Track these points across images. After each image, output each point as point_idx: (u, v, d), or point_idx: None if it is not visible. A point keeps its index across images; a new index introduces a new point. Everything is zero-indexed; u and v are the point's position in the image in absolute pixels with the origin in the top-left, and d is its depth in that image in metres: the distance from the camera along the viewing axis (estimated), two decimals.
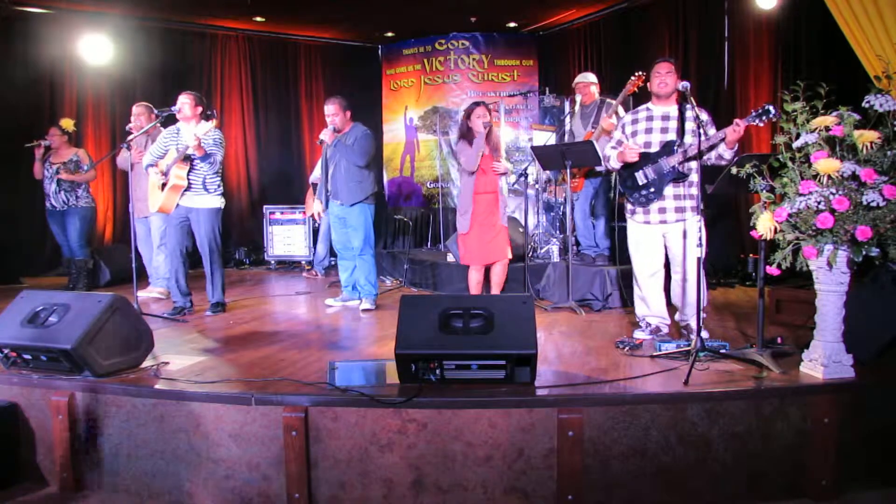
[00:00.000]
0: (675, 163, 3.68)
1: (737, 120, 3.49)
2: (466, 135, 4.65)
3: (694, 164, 3.75)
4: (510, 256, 4.84)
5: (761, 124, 3.40)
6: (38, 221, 6.63)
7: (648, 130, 3.85)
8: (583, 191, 5.55)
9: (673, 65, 3.86)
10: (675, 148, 3.69)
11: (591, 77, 5.65)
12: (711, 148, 3.64)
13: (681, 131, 3.73)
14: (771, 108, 3.24)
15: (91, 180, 6.18)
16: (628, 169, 3.86)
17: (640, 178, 3.81)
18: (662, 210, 3.79)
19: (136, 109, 5.56)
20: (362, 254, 5.06)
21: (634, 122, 3.93)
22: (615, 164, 3.91)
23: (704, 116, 3.78)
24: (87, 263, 6.10)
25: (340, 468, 2.80)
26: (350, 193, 4.95)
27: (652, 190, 3.77)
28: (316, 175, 7.04)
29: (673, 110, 3.82)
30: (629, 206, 3.93)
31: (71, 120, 6.19)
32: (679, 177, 3.70)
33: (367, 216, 5.03)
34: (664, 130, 3.80)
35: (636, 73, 4.97)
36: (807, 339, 3.12)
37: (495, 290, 4.86)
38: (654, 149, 3.79)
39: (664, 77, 3.78)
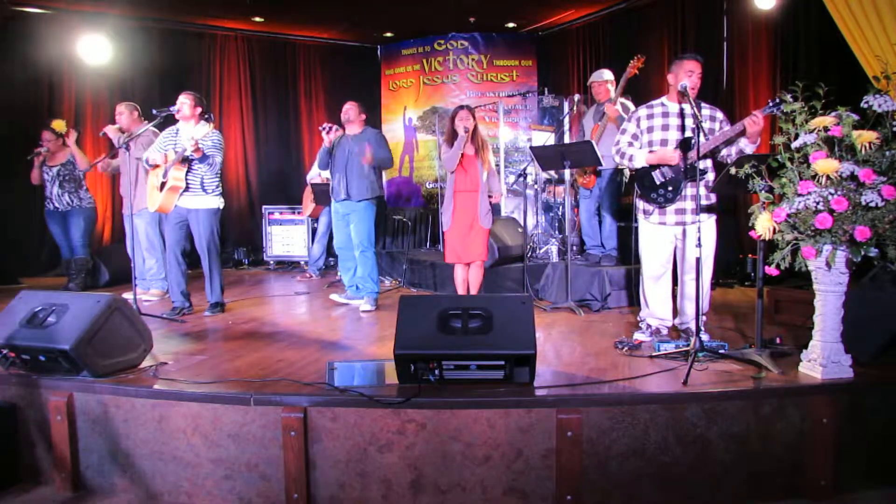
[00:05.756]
0: (692, 160, 3.55)
1: (754, 112, 3.42)
2: (450, 137, 4.76)
3: (710, 162, 3.73)
4: (485, 258, 4.87)
5: (778, 112, 3.29)
6: (36, 222, 6.63)
7: (665, 127, 3.74)
8: (593, 189, 5.54)
9: (702, 64, 3.66)
10: (693, 146, 3.53)
11: (606, 75, 5.54)
12: (729, 144, 3.58)
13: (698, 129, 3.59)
14: (788, 96, 3.15)
15: (87, 168, 6.15)
16: (645, 168, 3.78)
17: (658, 177, 3.74)
18: (681, 211, 3.72)
19: (119, 108, 5.60)
20: (363, 249, 5.09)
21: (650, 117, 3.80)
22: (640, 163, 3.77)
23: (720, 115, 3.74)
24: (87, 263, 6.12)
25: (339, 468, 2.80)
26: (361, 191, 5.05)
27: (670, 189, 3.70)
28: (313, 174, 7.04)
29: (689, 107, 3.62)
30: (645, 207, 3.84)
31: (63, 121, 6.18)
32: (697, 175, 3.50)
33: (370, 213, 5.14)
34: (681, 128, 3.70)
35: (636, 56, 4.99)
36: (805, 339, 3.12)
37: (473, 292, 4.89)
38: (671, 146, 3.71)
39: (695, 78, 3.61)
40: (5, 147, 6.44)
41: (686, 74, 3.62)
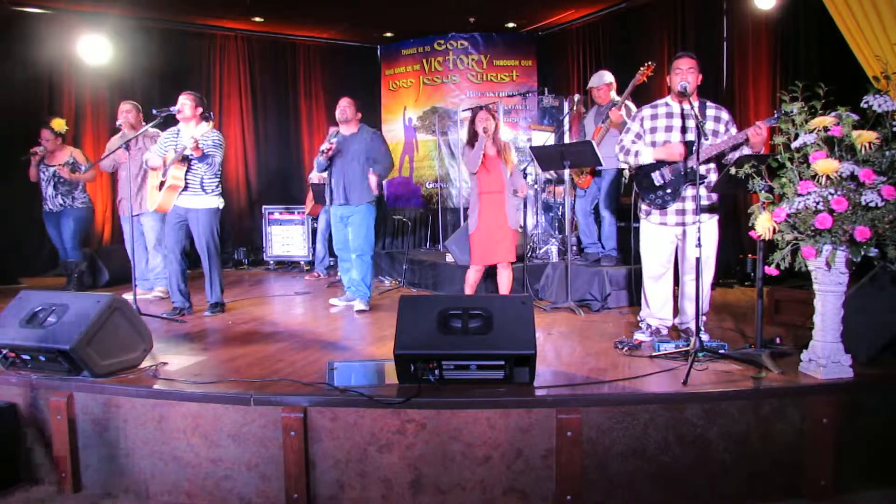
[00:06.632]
0: (693, 163, 3.51)
1: (758, 122, 3.43)
2: (472, 139, 4.73)
3: (712, 165, 3.72)
4: (512, 259, 4.82)
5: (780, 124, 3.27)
6: (35, 222, 6.61)
7: (668, 129, 3.72)
8: (588, 189, 5.55)
9: (695, 60, 3.64)
10: (694, 148, 3.49)
11: (606, 77, 5.51)
12: (735, 148, 3.57)
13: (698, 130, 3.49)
14: (787, 98, 3.13)
15: (91, 180, 6.17)
16: (644, 169, 3.76)
17: (657, 178, 3.72)
18: (681, 212, 3.70)
19: (124, 106, 5.58)
20: (361, 254, 5.06)
21: (654, 117, 3.77)
22: (646, 159, 3.72)
23: (725, 116, 3.72)
24: (79, 265, 6.05)
25: (339, 468, 2.80)
26: (360, 195, 5.02)
27: (669, 191, 3.68)
28: (315, 175, 7.04)
29: (689, 108, 3.60)
30: (644, 207, 3.83)
31: (62, 120, 6.15)
32: (697, 178, 3.44)
33: (370, 217, 5.10)
34: (684, 130, 3.67)
35: (646, 63, 4.96)
36: (805, 339, 3.12)
37: (504, 293, 4.85)
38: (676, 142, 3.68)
39: (685, 74, 3.57)
40: (5, 147, 6.42)
41: (678, 74, 3.61)
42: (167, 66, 7.78)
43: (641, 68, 4.99)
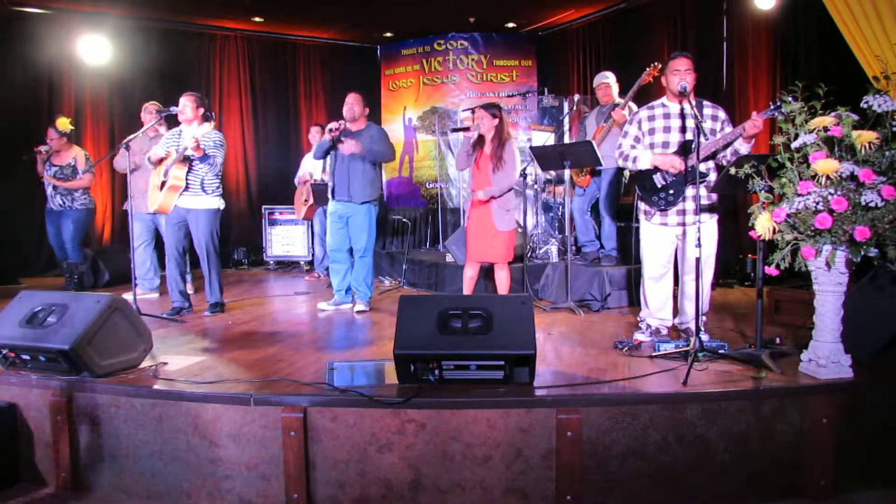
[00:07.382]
0: (694, 163, 3.45)
1: (754, 113, 3.42)
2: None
3: (713, 164, 3.72)
4: (502, 261, 4.73)
5: (778, 115, 3.19)
6: (35, 222, 6.63)
7: (667, 129, 3.71)
8: (588, 188, 5.55)
9: (692, 61, 3.63)
10: (693, 147, 3.47)
11: (609, 77, 5.53)
12: (727, 145, 3.57)
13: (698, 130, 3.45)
14: (789, 97, 3.13)
15: (87, 185, 6.09)
16: (645, 171, 3.75)
17: (659, 180, 3.71)
18: (681, 212, 3.70)
19: (152, 106, 5.62)
20: (364, 255, 5.02)
21: (651, 118, 3.76)
22: (645, 164, 3.72)
23: (722, 115, 3.72)
24: (78, 266, 6.03)
25: (339, 468, 2.80)
26: (363, 191, 4.93)
27: (671, 192, 3.67)
28: (302, 173, 7.01)
29: (689, 108, 3.56)
30: (645, 208, 3.82)
31: (67, 119, 6.10)
32: (697, 177, 3.40)
33: (372, 216, 5.03)
34: (682, 129, 3.66)
35: (652, 64, 4.95)
36: (805, 339, 3.12)
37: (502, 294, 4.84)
38: (672, 149, 3.68)
39: (683, 75, 3.58)
40: (5, 147, 6.43)
41: (672, 73, 3.61)
42: (167, 66, 7.78)
43: (647, 69, 4.99)
